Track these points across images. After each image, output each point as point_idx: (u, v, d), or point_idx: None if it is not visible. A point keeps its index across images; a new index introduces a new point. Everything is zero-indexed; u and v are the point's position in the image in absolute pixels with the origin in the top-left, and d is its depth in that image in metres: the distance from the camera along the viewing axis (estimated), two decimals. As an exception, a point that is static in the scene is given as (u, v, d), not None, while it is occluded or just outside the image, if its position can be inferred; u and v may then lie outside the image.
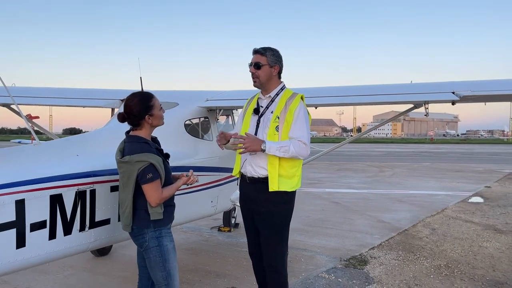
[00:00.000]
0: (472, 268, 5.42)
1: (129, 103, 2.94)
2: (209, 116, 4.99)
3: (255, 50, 3.32)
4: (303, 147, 3.17)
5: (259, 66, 3.27)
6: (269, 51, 3.29)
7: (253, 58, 3.30)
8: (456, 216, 8.70)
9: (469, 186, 13.32)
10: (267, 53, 3.27)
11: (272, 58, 3.29)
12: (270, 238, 3.32)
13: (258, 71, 3.27)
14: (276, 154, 3.15)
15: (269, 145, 3.14)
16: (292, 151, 3.13)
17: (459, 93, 3.89)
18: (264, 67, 3.27)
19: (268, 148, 3.13)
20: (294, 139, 3.17)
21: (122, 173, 2.90)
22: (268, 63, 3.27)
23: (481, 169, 19.85)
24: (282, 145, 3.15)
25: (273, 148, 3.13)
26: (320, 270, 5.24)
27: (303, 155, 3.20)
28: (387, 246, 6.39)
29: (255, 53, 3.31)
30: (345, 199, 10.87)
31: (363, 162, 23.46)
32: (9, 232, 2.57)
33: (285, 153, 3.14)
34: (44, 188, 2.76)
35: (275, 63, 3.30)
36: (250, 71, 3.30)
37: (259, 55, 3.28)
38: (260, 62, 3.26)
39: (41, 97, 5.39)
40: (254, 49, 3.33)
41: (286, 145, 3.14)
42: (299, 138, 3.17)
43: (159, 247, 2.93)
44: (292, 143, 3.15)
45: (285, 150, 3.14)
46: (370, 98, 4.34)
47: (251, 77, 3.32)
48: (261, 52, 3.28)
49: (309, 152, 3.24)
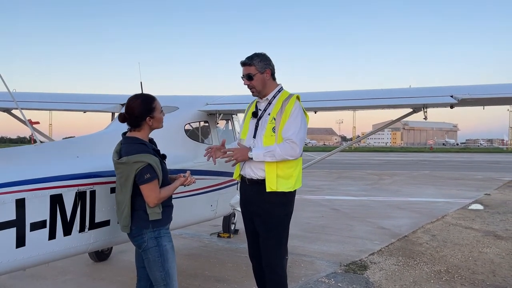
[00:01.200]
0: (472, 273, 5.41)
1: (131, 104, 2.96)
2: (209, 120, 5.02)
3: (242, 63, 3.35)
4: (289, 148, 3.15)
5: (250, 77, 3.30)
6: (255, 58, 3.31)
7: (243, 70, 3.34)
8: (456, 222, 8.68)
9: (469, 194, 13.30)
10: (253, 62, 3.29)
11: (260, 64, 3.30)
12: (269, 239, 3.32)
13: (252, 81, 3.31)
14: (264, 160, 3.18)
15: (255, 152, 3.19)
16: (278, 154, 3.14)
17: (458, 96, 3.92)
18: (256, 76, 3.30)
19: (255, 155, 3.19)
20: (282, 141, 3.18)
21: (120, 174, 2.90)
22: (258, 71, 3.30)
23: (481, 177, 19.85)
24: (267, 150, 3.17)
25: (260, 155, 3.18)
26: (320, 275, 5.22)
27: (292, 155, 3.18)
28: (387, 252, 6.37)
29: (243, 66, 3.34)
30: (344, 206, 10.86)
31: (363, 170, 23.46)
32: (9, 231, 2.58)
33: (272, 157, 3.16)
34: (44, 188, 2.77)
35: (265, 68, 3.31)
36: (244, 83, 3.35)
37: (247, 66, 3.31)
38: (250, 72, 3.29)
39: (43, 102, 5.42)
40: (240, 62, 3.36)
41: (272, 149, 3.16)
42: (288, 137, 3.17)
43: (158, 247, 2.93)
44: (278, 146, 3.16)
45: (272, 155, 3.16)
46: (369, 102, 4.36)
47: (248, 88, 3.36)
48: (248, 63, 3.31)
49: (300, 151, 3.21)
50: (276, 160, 3.16)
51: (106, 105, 5.12)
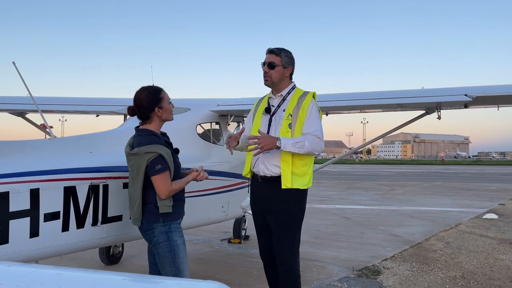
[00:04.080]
0: (488, 279, 5.28)
1: (139, 95, 2.97)
2: (221, 121, 5.03)
3: (270, 50, 3.34)
4: (317, 142, 3.17)
5: (272, 66, 3.29)
6: (283, 52, 3.32)
7: (267, 57, 3.32)
8: (471, 231, 8.52)
9: (483, 204, 13.09)
10: (281, 54, 3.30)
11: (286, 59, 3.32)
12: (283, 237, 3.28)
13: (271, 70, 3.29)
14: (292, 151, 3.13)
15: (284, 141, 3.11)
16: (307, 146, 3.13)
17: (472, 94, 3.88)
18: (278, 68, 3.30)
19: (283, 144, 3.11)
20: (308, 134, 3.17)
21: (131, 166, 2.91)
22: (282, 64, 3.30)
23: (494, 187, 19.55)
24: (297, 141, 3.14)
25: (288, 145, 3.12)
26: (332, 279, 5.14)
27: (317, 150, 3.20)
28: (400, 258, 6.26)
29: (270, 53, 3.32)
30: (356, 214, 10.73)
31: (373, 181, 23.24)
32: (23, 220, 2.59)
33: (301, 149, 3.13)
34: (58, 179, 2.78)
35: (289, 64, 3.34)
36: (263, 69, 3.33)
37: (274, 55, 3.30)
38: (274, 62, 3.29)
39: (58, 104, 5.49)
40: (268, 48, 3.36)
41: (301, 140, 3.14)
42: (313, 132, 3.18)
43: (168, 242, 2.90)
44: (306, 138, 3.15)
45: (300, 146, 3.13)
46: (381, 101, 4.34)
47: (263, 76, 3.34)
48: (276, 52, 3.30)
49: (323, 147, 3.24)
50: (303, 152, 3.13)
51: (118, 107, 5.17)
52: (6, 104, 5.61)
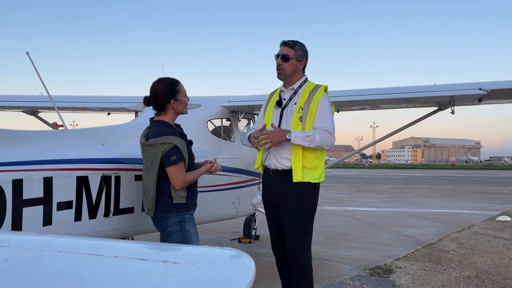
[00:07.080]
0: (503, 278, 5.18)
1: (156, 86, 2.98)
2: (231, 117, 5.03)
3: (284, 42, 3.31)
4: (328, 137, 3.14)
5: (286, 58, 3.26)
6: (298, 45, 3.30)
7: (281, 50, 3.29)
8: (484, 232, 8.38)
9: (495, 206, 12.89)
10: (296, 47, 3.28)
11: (300, 52, 3.30)
12: (295, 230, 3.26)
13: (285, 63, 3.26)
14: (302, 144, 3.10)
15: (294, 134, 3.09)
16: (317, 141, 3.09)
17: (486, 88, 3.83)
18: (292, 60, 3.27)
19: (293, 137, 3.09)
20: (319, 129, 3.15)
21: (146, 157, 2.91)
22: (296, 57, 3.28)
23: (507, 191, 19.27)
24: (307, 135, 3.11)
25: (298, 138, 3.09)
26: (344, 277, 5.08)
27: (328, 144, 3.16)
28: (413, 258, 6.18)
29: (284, 45, 3.30)
30: (366, 216, 10.65)
31: (384, 185, 23.06)
32: (36, 208, 2.60)
33: (311, 143, 3.10)
34: (71, 169, 2.80)
35: (302, 57, 3.31)
36: (277, 62, 3.30)
37: (288, 47, 3.28)
38: (288, 54, 3.26)
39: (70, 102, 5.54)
40: (283, 41, 3.33)
41: (311, 134, 3.11)
42: (324, 127, 3.15)
43: (181, 232, 2.91)
44: (317, 132, 3.12)
45: (311, 140, 3.09)
46: (393, 95, 4.30)
47: (276, 68, 3.32)
48: (291, 45, 3.28)
49: (334, 142, 3.20)
50: (313, 146, 3.10)
51: (129, 104, 5.20)
52: (20, 101, 5.68)
